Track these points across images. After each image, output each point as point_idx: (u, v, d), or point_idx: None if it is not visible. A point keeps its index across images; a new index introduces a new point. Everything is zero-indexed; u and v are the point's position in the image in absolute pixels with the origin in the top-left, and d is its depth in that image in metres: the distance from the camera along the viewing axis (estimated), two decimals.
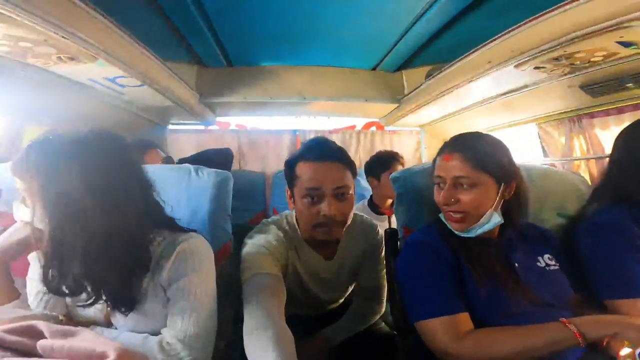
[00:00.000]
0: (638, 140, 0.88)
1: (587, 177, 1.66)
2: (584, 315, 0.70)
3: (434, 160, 0.86)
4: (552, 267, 0.82)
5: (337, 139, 2.72)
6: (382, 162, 1.72)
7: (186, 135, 2.55)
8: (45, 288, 0.65)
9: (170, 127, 2.45)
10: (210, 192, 0.98)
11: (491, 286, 0.74)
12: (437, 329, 0.71)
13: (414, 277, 0.80)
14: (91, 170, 0.62)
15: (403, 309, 0.99)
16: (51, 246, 0.62)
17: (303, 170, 0.91)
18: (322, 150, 0.92)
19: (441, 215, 0.84)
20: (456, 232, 0.81)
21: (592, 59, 1.30)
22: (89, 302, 0.66)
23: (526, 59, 1.29)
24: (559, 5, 1.02)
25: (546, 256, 0.84)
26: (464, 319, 0.72)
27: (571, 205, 1.04)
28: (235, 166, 2.60)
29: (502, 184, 0.78)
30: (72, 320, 0.73)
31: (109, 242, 0.63)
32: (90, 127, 0.68)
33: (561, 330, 0.65)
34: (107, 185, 0.63)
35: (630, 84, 1.44)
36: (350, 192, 0.93)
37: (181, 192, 0.98)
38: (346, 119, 2.81)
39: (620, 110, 1.61)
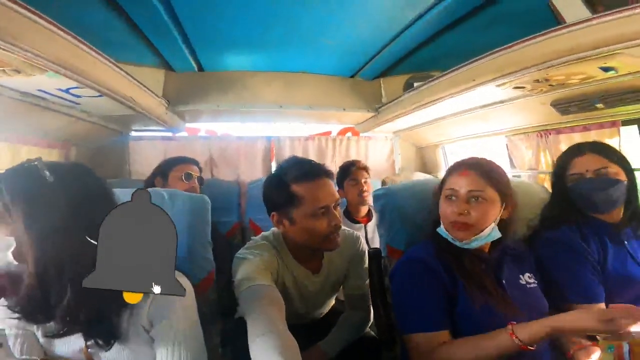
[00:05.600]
0: (562, 169, 1.02)
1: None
2: None
3: (444, 178, 0.92)
4: (531, 285, 0.89)
5: (313, 145, 2.66)
6: (343, 172, 1.83)
7: (151, 143, 2.32)
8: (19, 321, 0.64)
9: (133, 134, 2.22)
10: (186, 220, 0.92)
11: (484, 301, 0.79)
12: (418, 342, 0.79)
13: (407, 294, 0.86)
14: (76, 198, 0.61)
15: (388, 321, 1.08)
16: (37, 276, 0.59)
17: (305, 190, 0.94)
18: (316, 169, 0.98)
19: (440, 230, 0.88)
20: (457, 244, 0.84)
21: (569, 81, 1.34)
22: (62, 332, 0.63)
23: (509, 80, 1.31)
24: (549, 30, 1.05)
25: (527, 275, 0.91)
26: (444, 336, 0.78)
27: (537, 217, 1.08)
28: (206, 175, 2.45)
29: (505, 203, 0.85)
30: None
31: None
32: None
33: (504, 335, 0.71)
34: (90, 213, 0.61)
35: (600, 105, 1.50)
36: None
37: None
38: (322, 126, 2.75)
39: (585, 128, 1.70)
